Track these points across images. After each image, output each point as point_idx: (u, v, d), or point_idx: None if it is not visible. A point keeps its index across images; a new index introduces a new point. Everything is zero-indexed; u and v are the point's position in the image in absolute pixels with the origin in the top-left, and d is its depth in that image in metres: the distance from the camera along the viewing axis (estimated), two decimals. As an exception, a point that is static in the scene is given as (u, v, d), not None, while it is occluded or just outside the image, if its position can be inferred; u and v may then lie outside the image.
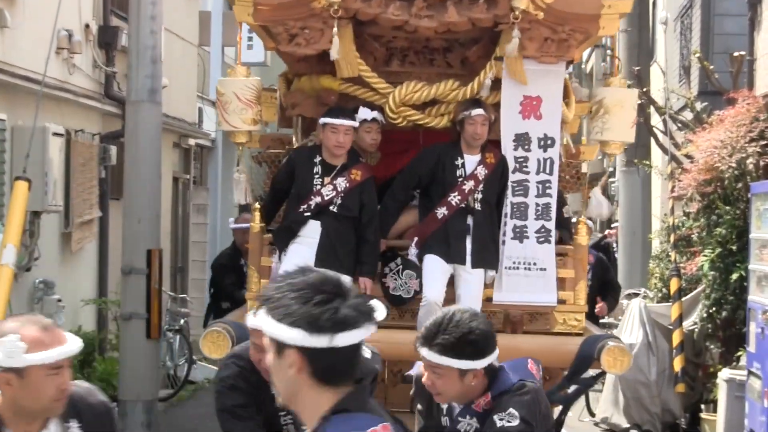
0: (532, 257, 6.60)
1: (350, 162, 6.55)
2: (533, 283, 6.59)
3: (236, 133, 6.92)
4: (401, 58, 7.15)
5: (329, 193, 6.50)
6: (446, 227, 6.51)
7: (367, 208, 6.52)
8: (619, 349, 5.87)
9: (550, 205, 6.58)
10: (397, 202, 6.70)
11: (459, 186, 6.50)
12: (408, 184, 6.68)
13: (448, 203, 6.50)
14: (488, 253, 6.54)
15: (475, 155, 6.56)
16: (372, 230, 6.52)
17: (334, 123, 6.44)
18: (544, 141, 6.62)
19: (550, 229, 6.58)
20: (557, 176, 6.61)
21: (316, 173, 6.54)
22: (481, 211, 6.54)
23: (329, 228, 6.49)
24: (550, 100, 6.62)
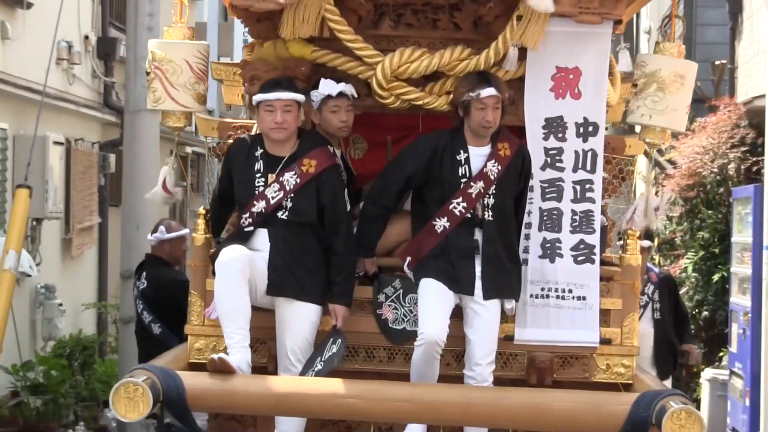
0: (568, 282, 4.76)
1: (302, 149, 4.74)
2: (569, 316, 4.76)
3: (173, 115, 5.16)
4: (395, 18, 5.24)
5: (275, 194, 4.70)
6: (447, 244, 4.68)
7: (329, 210, 4.71)
8: (686, 413, 4.05)
9: (592, 213, 4.73)
10: (380, 208, 4.84)
11: (463, 189, 4.68)
12: (393, 186, 4.82)
13: (450, 212, 4.68)
14: (505, 278, 4.68)
15: (484, 147, 4.73)
16: (342, 239, 4.69)
17: (268, 98, 4.66)
18: (584, 128, 4.77)
19: (593, 245, 4.71)
20: (601, 175, 4.64)
21: (258, 170, 4.74)
22: (493, 222, 4.69)
23: (279, 241, 4.69)
24: (593, 73, 4.77)
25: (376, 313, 4.80)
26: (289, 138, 4.68)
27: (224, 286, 4.50)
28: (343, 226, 4.67)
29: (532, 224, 4.70)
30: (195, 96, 5.03)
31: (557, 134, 4.67)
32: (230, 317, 4.52)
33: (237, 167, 4.76)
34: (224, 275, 4.48)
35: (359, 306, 4.87)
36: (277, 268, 4.60)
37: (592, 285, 4.66)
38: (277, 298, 4.64)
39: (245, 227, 4.67)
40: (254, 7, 4.78)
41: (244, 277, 4.48)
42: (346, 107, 4.98)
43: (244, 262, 4.48)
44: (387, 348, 4.87)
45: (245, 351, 4.50)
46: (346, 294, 4.66)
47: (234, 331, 4.50)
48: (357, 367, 4.80)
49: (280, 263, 4.59)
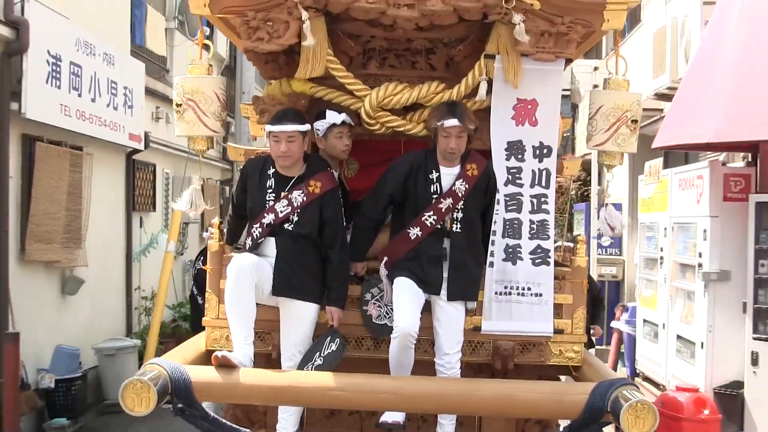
0: (527, 281, 5.05)
1: (309, 172, 5.02)
2: (527, 310, 5.05)
3: (201, 140, 5.42)
4: (380, 60, 5.62)
5: (284, 209, 4.96)
6: (419, 250, 4.97)
7: (329, 225, 4.98)
8: (641, 405, 4.14)
9: (546, 222, 5.04)
10: (370, 221, 5.13)
11: (434, 204, 4.96)
12: (379, 201, 5.10)
13: (422, 223, 4.96)
14: (467, 282, 4.97)
15: (454, 167, 5.02)
16: (337, 250, 4.98)
17: (274, 130, 4.93)
18: (539, 150, 5.10)
19: (548, 250, 5.03)
20: (554, 190, 4.86)
21: (269, 187, 5.01)
22: (460, 234, 4.97)
23: (285, 249, 4.96)
24: (547, 103, 5.09)
25: (362, 310, 5.11)
26: (295, 163, 4.96)
27: (232, 289, 4.78)
28: (340, 239, 4.97)
29: (496, 232, 4.92)
30: (221, 123, 5.36)
31: (517, 155, 4.92)
32: (236, 317, 4.79)
33: (251, 182, 5.04)
34: (233, 280, 4.77)
35: (351, 302, 5.16)
36: (282, 273, 4.88)
37: (548, 284, 4.99)
38: (282, 298, 4.86)
39: (257, 237, 4.93)
40: (259, 48, 4.93)
41: (250, 282, 4.77)
42: (347, 134, 5.30)
43: (252, 269, 4.77)
44: (373, 338, 5.14)
45: (248, 347, 4.77)
46: (340, 298, 4.97)
47: (239, 329, 4.78)
48: (348, 354, 5.03)
49: (285, 268, 4.89)
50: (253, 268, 4.77)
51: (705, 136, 7.26)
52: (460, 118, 4.81)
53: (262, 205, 4.94)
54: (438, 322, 4.92)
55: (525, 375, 5.13)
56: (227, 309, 4.81)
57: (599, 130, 5.09)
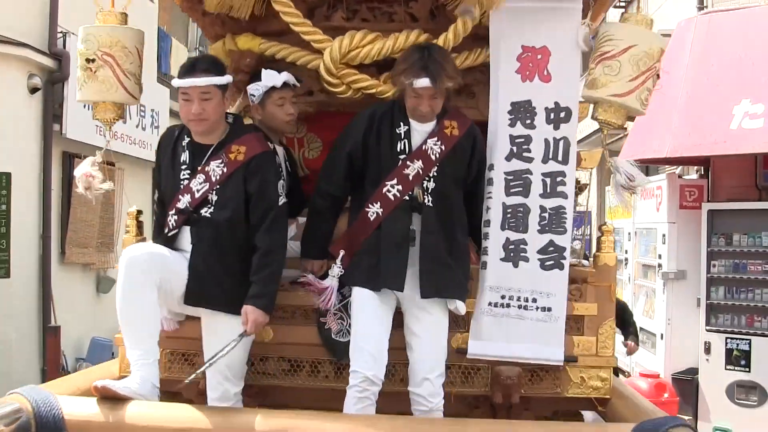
0: (532, 289, 3.51)
1: (231, 136, 3.50)
2: (530, 329, 3.49)
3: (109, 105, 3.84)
4: (350, 12, 4.04)
5: (200, 185, 3.43)
6: (379, 235, 3.44)
7: (255, 199, 3.43)
8: None
9: (563, 210, 3.53)
10: (326, 198, 3.59)
11: (399, 168, 3.44)
12: (336, 168, 3.57)
13: (383, 196, 3.43)
14: (446, 273, 3.42)
15: (428, 123, 3.49)
16: (265, 233, 3.41)
17: (183, 86, 3.42)
18: (555, 113, 3.56)
19: (563, 248, 3.52)
20: (575, 166, 3.24)
21: (183, 162, 3.50)
22: (433, 209, 3.43)
23: (201, 242, 3.42)
24: (562, 52, 3.55)
25: (318, 322, 3.64)
26: (213, 128, 3.49)
27: (122, 290, 3.30)
28: (269, 218, 3.43)
29: (491, 222, 3.37)
30: (140, 88, 3.85)
31: (525, 120, 3.39)
32: (129, 328, 3.32)
33: (164, 158, 3.59)
34: (122, 277, 3.30)
35: (303, 315, 3.73)
36: (198, 274, 3.40)
37: (559, 294, 3.49)
38: (202, 309, 3.46)
39: (171, 227, 3.46)
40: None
41: (148, 280, 3.29)
42: (290, 99, 3.84)
43: (150, 261, 3.31)
44: (335, 362, 3.69)
45: (148, 369, 3.30)
46: (263, 295, 3.39)
47: (134, 344, 3.31)
48: (300, 383, 3.67)
49: (201, 268, 3.40)
50: (154, 260, 3.31)
51: (663, 151, 7.77)
52: (434, 78, 3.33)
53: (177, 185, 3.48)
54: (411, 334, 3.46)
55: (535, 411, 3.73)
56: (119, 318, 3.34)
57: (624, 77, 3.48)
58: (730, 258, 7.65)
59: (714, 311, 7.74)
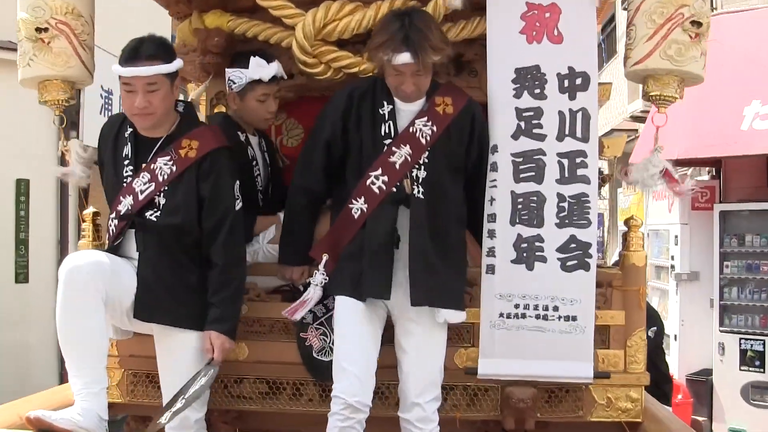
0: (552, 296, 2.73)
1: (181, 128, 2.77)
2: (553, 342, 2.73)
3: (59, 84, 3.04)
4: None
5: (145, 186, 2.70)
6: (364, 235, 2.72)
7: (209, 205, 2.73)
8: None
9: (587, 198, 2.75)
10: (306, 194, 2.86)
11: (384, 156, 2.71)
12: (315, 160, 2.82)
13: (367, 189, 2.71)
14: (438, 276, 2.69)
15: (415, 102, 2.75)
16: (221, 245, 2.72)
17: (124, 75, 2.67)
18: (570, 80, 2.79)
19: (588, 244, 2.74)
20: (596, 142, 2.46)
21: (126, 156, 2.77)
22: (424, 202, 2.70)
23: (149, 249, 2.71)
24: (576, 7, 2.78)
25: (299, 337, 2.90)
26: (161, 121, 2.73)
27: (65, 306, 2.57)
28: (225, 227, 2.73)
29: (497, 216, 2.63)
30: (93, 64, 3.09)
31: (533, 90, 2.65)
32: (74, 352, 2.59)
33: (105, 153, 2.85)
34: (65, 291, 2.57)
35: (282, 329, 2.99)
36: (146, 286, 2.69)
37: (586, 300, 2.73)
38: (154, 325, 2.75)
39: (113, 233, 2.75)
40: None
41: (94, 294, 2.56)
42: (275, 94, 3.13)
43: (96, 272, 2.57)
44: (317, 383, 2.95)
45: (93, 399, 2.58)
46: (226, 318, 2.72)
47: (79, 370, 2.58)
48: (280, 408, 2.95)
49: (149, 278, 2.69)
50: (99, 270, 2.58)
51: (674, 153, 7.41)
52: (416, 52, 2.60)
53: (118, 184, 2.76)
54: (400, 350, 2.74)
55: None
56: (59, 338, 2.59)
57: (639, 39, 2.75)
58: (742, 258, 7.41)
59: (727, 312, 7.49)
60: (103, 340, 2.59)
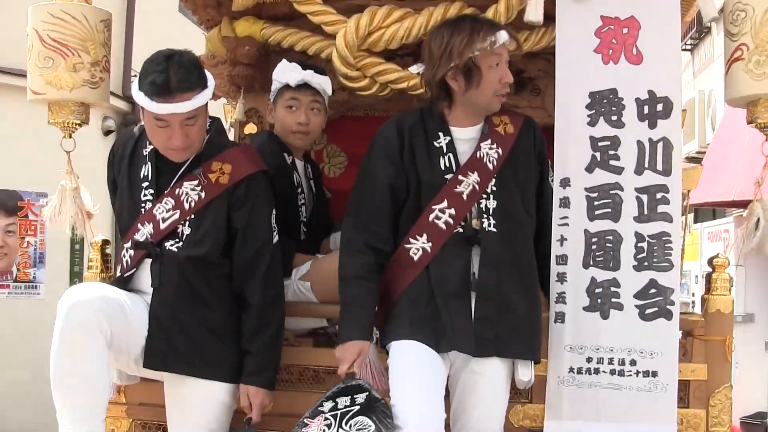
0: (630, 348, 2.38)
1: (211, 150, 2.44)
2: (631, 401, 2.35)
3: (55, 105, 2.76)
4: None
5: (168, 214, 2.36)
6: (431, 277, 2.32)
7: (243, 238, 2.40)
8: None
9: (668, 237, 2.39)
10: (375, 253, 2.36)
11: (449, 188, 2.33)
12: (378, 211, 2.38)
13: (431, 225, 2.33)
14: (513, 323, 2.31)
15: (473, 126, 2.41)
16: (259, 284, 2.39)
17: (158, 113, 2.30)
18: (650, 106, 2.43)
19: (670, 289, 2.37)
20: (680, 177, 2.15)
21: (144, 177, 2.44)
22: (497, 236, 2.33)
23: (166, 285, 2.36)
24: (658, 24, 2.44)
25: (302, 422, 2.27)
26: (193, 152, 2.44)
27: (62, 346, 2.20)
28: (263, 263, 2.40)
29: (569, 257, 2.39)
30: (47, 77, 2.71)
31: (609, 116, 2.32)
32: (69, 398, 2.22)
33: (119, 173, 2.52)
34: (64, 329, 2.19)
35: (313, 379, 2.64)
36: (161, 327, 2.35)
37: (668, 352, 2.37)
38: (165, 373, 2.42)
39: (126, 265, 2.41)
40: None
41: (97, 334, 2.19)
42: (309, 104, 2.79)
43: (100, 309, 2.21)
44: None
45: None
46: (264, 369, 2.41)
47: (74, 421, 2.21)
48: None
49: (164, 319, 2.35)
50: (105, 307, 2.22)
51: (730, 194, 7.56)
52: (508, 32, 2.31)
53: (136, 210, 2.43)
54: (456, 401, 2.35)
55: None
56: (52, 382, 2.24)
57: None
58: (798, 300, 7.38)
59: (782, 354, 7.47)
60: (104, 388, 2.23)
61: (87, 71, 2.71)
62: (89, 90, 2.73)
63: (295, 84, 2.76)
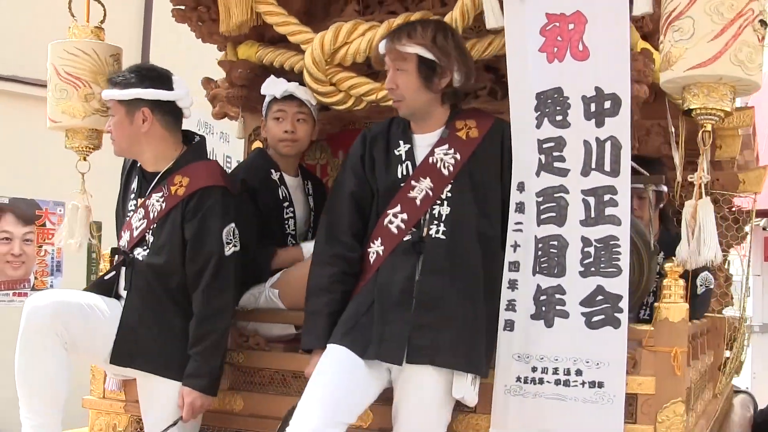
0: (575, 357, 2.24)
1: (180, 163, 2.62)
2: (576, 413, 2.21)
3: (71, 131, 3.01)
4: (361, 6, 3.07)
5: (139, 223, 2.59)
6: (376, 281, 2.33)
7: (191, 249, 2.53)
8: None
9: (616, 242, 2.23)
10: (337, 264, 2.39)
11: (403, 192, 2.34)
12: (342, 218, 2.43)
13: (385, 230, 2.35)
14: (452, 333, 2.24)
15: (435, 130, 2.41)
16: (202, 294, 2.51)
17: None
18: (597, 103, 2.28)
19: (619, 296, 2.21)
20: (628, 177, 2.02)
21: (133, 191, 2.69)
22: (443, 243, 2.30)
23: (135, 290, 2.57)
24: (605, 16, 2.29)
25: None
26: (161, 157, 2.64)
27: (21, 347, 2.45)
28: (207, 274, 2.51)
29: (521, 264, 2.26)
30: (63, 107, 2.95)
31: (554, 117, 2.24)
32: (27, 393, 2.47)
33: (123, 186, 2.78)
34: (23, 333, 2.45)
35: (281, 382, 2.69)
36: (129, 328, 2.53)
37: (615, 363, 2.22)
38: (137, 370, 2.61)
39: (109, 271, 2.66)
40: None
41: (51, 338, 2.43)
42: (295, 114, 2.88)
43: (56, 314, 2.43)
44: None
45: None
46: (201, 374, 2.51)
47: (29, 410, 2.47)
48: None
49: (132, 322, 2.53)
50: (62, 312, 2.44)
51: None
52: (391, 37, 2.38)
53: (124, 219, 2.69)
54: (395, 408, 2.31)
55: None
56: (15, 377, 2.48)
57: (702, 36, 2.17)
58: (816, 310, 7.59)
59: (799, 364, 7.58)
60: (58, 385, 2.44)
61: (97, 101, 2.94)
62: (100, 117, 2.96)
63: (280, 96, 2.86)
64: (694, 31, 2.17)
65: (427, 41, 2.30)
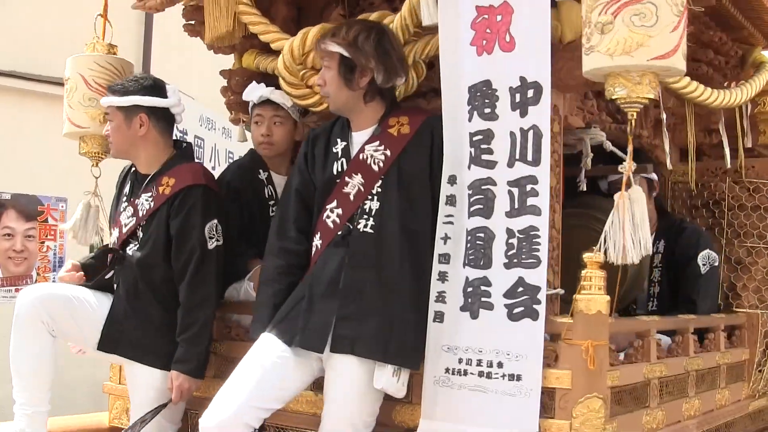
0: (497, 349, 2.23)
1: (168, 166, 2.82)
2: (495, 404, 2.20)
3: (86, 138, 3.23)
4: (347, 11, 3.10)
5: (128, 220, 2.81)
6: (313, 274, 2.44)
7: (176, 243, 2.73)
8: None
9: (536, 232, 2.21)
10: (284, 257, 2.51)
11: (338, 188, 2.43)
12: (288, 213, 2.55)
13: (323, 224, 2.45)
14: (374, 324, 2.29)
15: (369, 127, 2.47)
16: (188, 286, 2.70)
17: None
18: (521, 93, 2.27)
19: (537, 288, 2.18)
20: (548, 166, 2.01)
21: (125, 194, 2.91)
22: (372, 238, 2.36)
23: (124, 284, 2.78)
24: (530, 7, 2.27)
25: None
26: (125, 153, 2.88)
27: (14, 335, 2.70)
28: (191, 267, 2.69)
29: (452, 257, 2.31)
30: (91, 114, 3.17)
31: (483, 110, 2.25)
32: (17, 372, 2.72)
33: (117, 192, 3.02)
34: (15, 322, 2.71)
35: None
36: (116, 319, 2.75)
37: (532, 355, 2.19)
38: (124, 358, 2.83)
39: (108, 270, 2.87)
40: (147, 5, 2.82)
41: (38, 328, 2.68)
42: (271, 118, 3.04)
43: (42, 306, 2.67)
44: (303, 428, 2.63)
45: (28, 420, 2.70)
46: (188, 358, 2.70)
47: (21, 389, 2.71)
48: None
49: (119, 313, 2.75)
50: (49, 303, 2.68)
51: None
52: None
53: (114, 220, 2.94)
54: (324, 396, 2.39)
55: None
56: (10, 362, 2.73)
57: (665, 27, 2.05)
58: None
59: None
60: (45, 368, 2.67)
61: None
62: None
63: (257, 101, 3.01)
64: (658, 20, 2.06)
65: (347, 41, 2.36)
